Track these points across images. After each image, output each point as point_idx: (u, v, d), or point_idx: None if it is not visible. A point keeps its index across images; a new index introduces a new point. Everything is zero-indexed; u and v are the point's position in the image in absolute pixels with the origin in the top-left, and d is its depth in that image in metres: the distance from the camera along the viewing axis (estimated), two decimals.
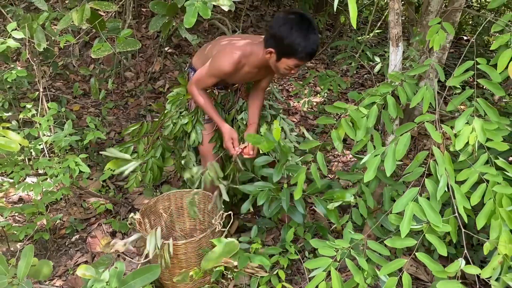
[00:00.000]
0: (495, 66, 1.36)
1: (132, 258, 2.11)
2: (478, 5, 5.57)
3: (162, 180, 2.87)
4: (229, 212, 2.01)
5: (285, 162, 1.80)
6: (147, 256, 1.76)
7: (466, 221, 1.17)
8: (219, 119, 2.09)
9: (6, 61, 2.73)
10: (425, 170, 1.23)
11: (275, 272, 1.87)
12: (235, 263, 1.78)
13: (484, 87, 1.43)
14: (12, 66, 2.36)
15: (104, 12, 2.76)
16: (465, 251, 1.14)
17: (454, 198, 1.18)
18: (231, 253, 1.75)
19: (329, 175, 2.96)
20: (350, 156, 3.24)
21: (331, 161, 3.19)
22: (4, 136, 1.69)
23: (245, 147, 2.03)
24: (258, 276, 1.84)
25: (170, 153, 2.39)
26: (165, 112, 2.28)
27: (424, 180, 1.21)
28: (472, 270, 1.10)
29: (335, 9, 0.87)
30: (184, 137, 2.32)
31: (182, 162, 2.35)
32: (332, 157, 3.23)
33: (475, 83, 1.36)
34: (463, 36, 5.48)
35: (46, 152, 2.28)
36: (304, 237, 2.14)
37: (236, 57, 1.90)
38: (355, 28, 0.93)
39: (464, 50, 1.94)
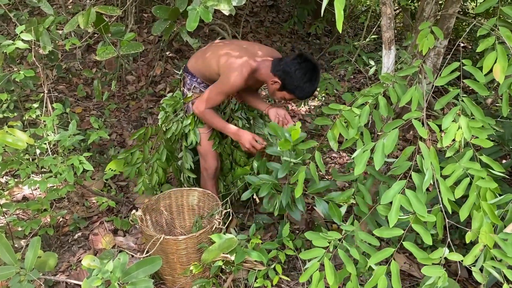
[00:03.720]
0: (481, 68, 1.44)
1: (133, 255, 2.17)
2: (474, 13, 5.66)
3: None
4: (228, 210, 2.08)
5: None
6: (148, 252, 1.82)
7: (450, 212, 1.23)
8: (234, 129, 2.12)
9: (12, 63, 2.81)
10: (412, 164, 1.29)
11: (272, 266, 1.93)
12: (232, 258, 1.84)
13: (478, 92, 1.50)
14: (16, 69, 2.42)
15: (107, 17, 2.83)
16: (449, 239, 1.20)
17: (440, 191, 1.25)
18: (230, 248, 1.82)
19: (327, 176, 3.03)
20: (347, 158, 3.31)
21: (328, 163, 3.26)
22: (11, 135, 1.77)
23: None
24: (256, 270, 1.90)
25: (172, 155, 2.45)
26: (166, 115, 2.35)
27: (410, 174, 1.28)
28: (455, 256, 1.16)
29: (322, 11, 0.94)
30: (180, 139, 2.37)
31: (179, 163, 2.41)
32: (329, 159, 3.30)
33: (461, 83, 1.44)
34: (460, 43, 5.57)
35: (50, 152, 2.35)
36: (300, 237, 2.20)
37: (246, 73, 2.00)
38: (340, 31, 1.00)
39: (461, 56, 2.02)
